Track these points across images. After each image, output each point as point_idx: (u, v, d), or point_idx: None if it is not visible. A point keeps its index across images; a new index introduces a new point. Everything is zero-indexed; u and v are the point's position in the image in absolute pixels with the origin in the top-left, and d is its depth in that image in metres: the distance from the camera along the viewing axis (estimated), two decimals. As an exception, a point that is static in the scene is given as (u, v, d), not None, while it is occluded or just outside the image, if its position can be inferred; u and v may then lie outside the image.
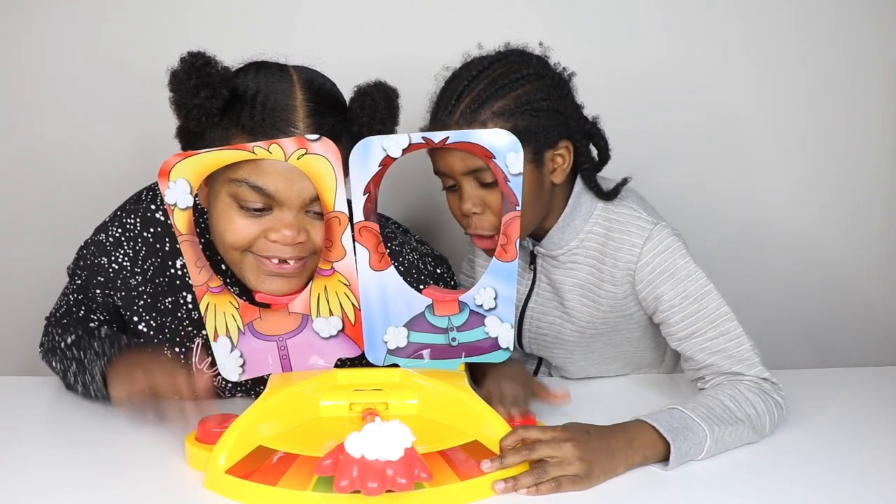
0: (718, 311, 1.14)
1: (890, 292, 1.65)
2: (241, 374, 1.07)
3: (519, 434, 0.96)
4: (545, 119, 1.12)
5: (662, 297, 1.15)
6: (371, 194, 1.03)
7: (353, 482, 0.83)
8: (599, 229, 1.18)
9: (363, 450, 0.84)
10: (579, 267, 1.20)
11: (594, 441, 0.98)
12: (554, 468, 0.94)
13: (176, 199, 1.00)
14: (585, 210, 1.19)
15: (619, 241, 1.17)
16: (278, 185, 1.02)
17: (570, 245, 1.20)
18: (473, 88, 1.11)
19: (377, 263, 1.06)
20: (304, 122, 1.03)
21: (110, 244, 1.17)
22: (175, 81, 1.02)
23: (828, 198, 1.62)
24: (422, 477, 0.85)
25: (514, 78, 1.11)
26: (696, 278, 1.15)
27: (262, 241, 1.05)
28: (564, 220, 1.19)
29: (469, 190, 1.12)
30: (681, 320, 1.15)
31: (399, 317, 1.08)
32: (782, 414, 1.10)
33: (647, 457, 1.00)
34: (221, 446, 0.94)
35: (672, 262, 1.15)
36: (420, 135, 1.01)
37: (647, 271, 1.15)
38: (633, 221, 1.17)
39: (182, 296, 1.17)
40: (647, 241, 1.15)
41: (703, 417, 1.03)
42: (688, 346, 1.15)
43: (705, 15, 1.54)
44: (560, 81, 1.16)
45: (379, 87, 1.09)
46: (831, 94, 1.58)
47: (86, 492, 0.93)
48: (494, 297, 1.07)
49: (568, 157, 1.15)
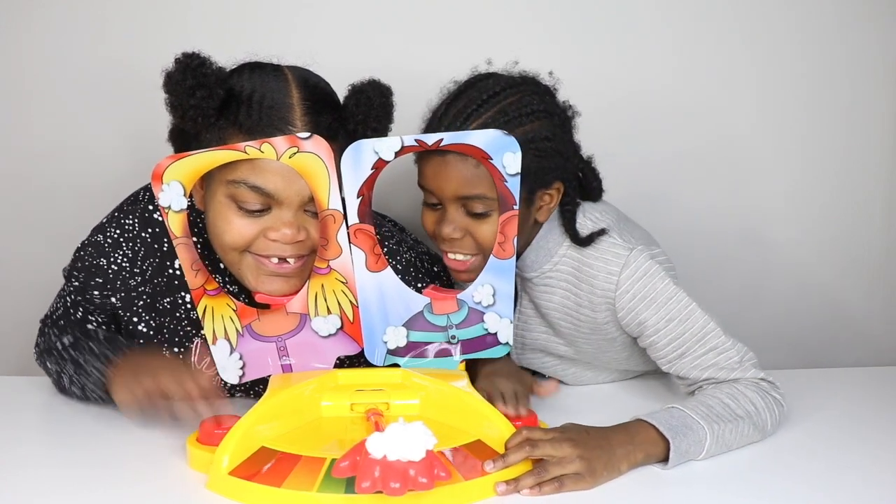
0: (705, 329, 1.12)
1: (890, 293, 1.65)
2: (242, 377, 1.07)
3: (523, 435, 0.96)
4: (547, 161, 1.09)
5: (646, 323, 1.14)
6: (365, 197, 1.03)
7: (375, 483, 0.83)
8: (574, 253, 1.16)
9: (385, 450, 0.84)
10: (554, 290, 1.19)
11: (594, 440, 0.98)
12: (554, 467, 0.94)
13: (170, 202, 1.00)
14: (559, 234, 1.17)
15: (595, 268, 1.14)
16: (277, 185, 1.02)
17: (543, 268, 1.18)
18: (482, 115, 1.08)
19: (374, 265, 1.06)
20: (302, 120, 1.03)
21: (109, 245, 1.17)
22: (170, 82, 1.02)
23: (828, 198, 1.61)
24: (441, 476, 0.85)
25: (524, 112, 1.08)
26: (677, 300, 1.13)
27: (262, 240, 1.05)
28: (538, 241, 1.17)
29: (454, 215, 1.09)
30: (668, 343, 1.13)
31: (398, 316, 1.08)
32: (783, 412, 1.10)
33: (649, 454, 1.00)
34: (224, 448, 0.94)
35: (652, 286, 1.13)
36: (413, 137, 1.01)
37: (626, 298, 1.13)
38: (609, 248, 1.14)
39: (181, 296, 1.17)
40: (623, 269, 1.13)
41: (702, 416, 1.03)
42: (679, 366, 1.14)
43: (706, 14, 1.54)
44: (565, 120, 1.14)
45: (373, 85, 1.09)
46: (831, 94, 1.58)
47: (85, 492, 0.93)
48: (493, 294, 1.07)
49: (556, 197, 1.14)
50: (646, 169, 1.56)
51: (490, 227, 1.08)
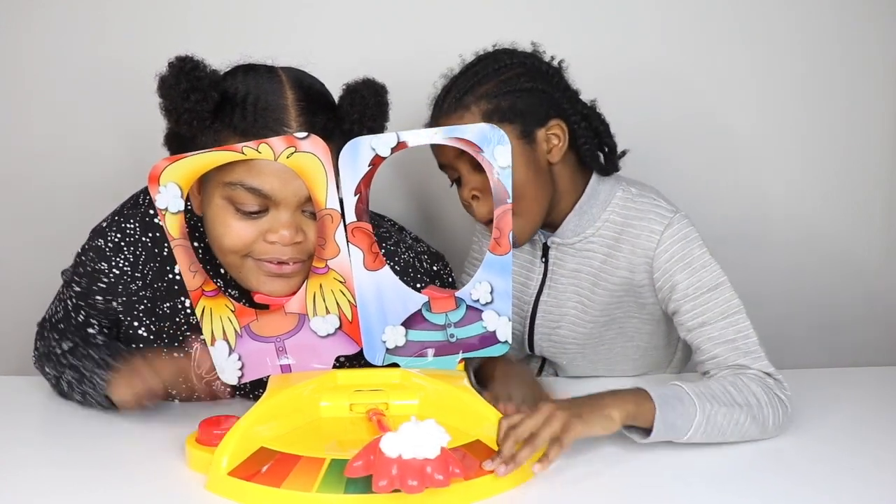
0: (730, 304, 1.14)
1: (890, 293, 1.65)
2: (240, 378, 1.07)
3: (504, 425, 0.97)
4: (529, 97, 1.14)
5: (677, 286, 1.16)
6: (362, 195, 1.04)
7: (393, 481, 0.83)
8: (617, 217, 1.19)
9: (400, 449, 0.84)
10: (593, 255, 1.21)
11: (575, 398, 1.00)
12: (544, 430, 0.95)
13: (167, 204, 1.00)
14: (604, 198, 1.20)
15: (639, 227, 1.18)
16: (274, 185, 1.02)
17: (586, 233, 1.21)
18: (458, 81, 1.15)
19: (371, 263, 1.06)
20: (297, 121, 1.03)
21: (110, 249, 1.16)
22: (164, 86, 1.02)
23: (827, 198, 1.62)
24: (455, 473, 0.85)
25: (496, 67, 1.15)
26: (710, 269, 1.15)
27: (261, 243, 1.05)
28: (581, 207, 1.20)
29: (466, 175, 1.14)
30: (692, 309, 1.15)
31: (396, 316, 1.08)
32: (787, 413, 1.09)
33: (639, 406, 1.00)
34: (224, 448, 0.94)
35: (689, 251, 1.16)
36: (409, 132, 1.02)
37: (664, 258, 1.16)
38: (653, 209, 1.18)
39: (180, 300, 1.17)
40: (666, 228, 1.16)
41: (697, 394, 1.04)
42: (697, 335, 1.15)
43: (707, 13, 1.54)
44: (549, 68, 1.18)
45: (368, 84, 1.09)
46: (831, 93, 1.58)
47: (85, 492, 0.93)
48: (490, 292, 1.07)
49: (563, 136, 1.16)
50: (646, 169, 1.55)
51: None
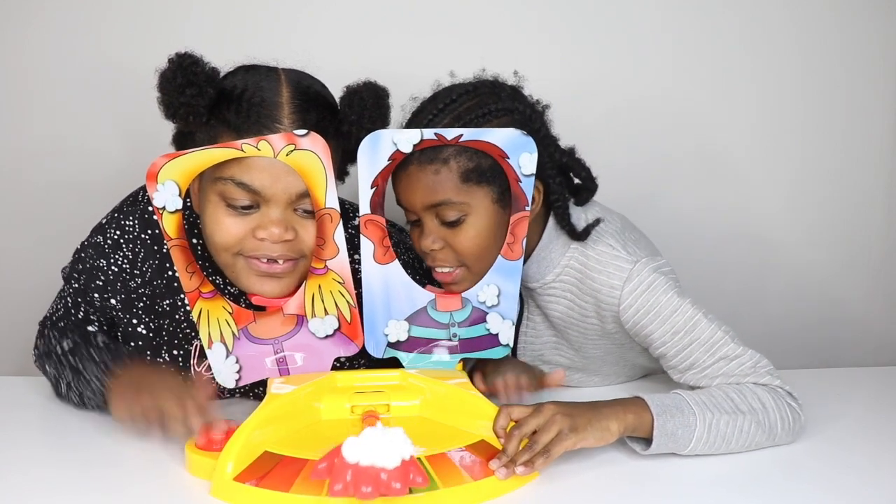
0: (713, 339, 1.09)
1: (890, 292, 1.65)
2: (238, 381, 1.06)
3: (505, 413, 0.97)
4: None
5: (652, 336, 1.12)
6: (379, 188, 1.03)
7: (347, 487, 0.82)
8: (576, 264, 1.14)
9: (358, 456, 0.82)
10: (558, 300, 1.17)
11: (578, 404, 0.99)
12: (542, 435, 0.94)
13: (164, 203, 0.99)
14: (561, 245, 1.15)
15: (598, 281, 1.12)
16: (263, 181, 1.01)
17: (545, 279, 1.17)
18: (437, 124, 1.07)
19: (382, 257, 1.06)
20: (290, 118, 1.03)
21: (109, 246, 1.16)
22: (162, 81, 1.03)
23: (827, 198, 1.62)
24: (417, 481, 0.83)
25: (480, 114, 1.07)
26: (682, 311, 1.10)
27: (251, 240, 1.04)
28: (539, 253, 1.15)
29: (430, 226, 1.08)
30: (676, 354, 1.11)
31: (401, 310, 1.08)
32: (800, 422, 1.06)
33: (639, 416, 0.99)
34: (228, 454, 0.92)
35: (655, 300, 1.10)
36: (432, 131, 1.01)
37: (631, 313, 1.11)
38: (612, 261, 1.12)
39: (180, 298, 1.16)
40: (626, 283, 1.10)
41: (697, 403, 1.02)
42: (690, 377, 1.11)
43: (705, 16, 1.54)
44: (532, 115, 1.10)
45: (368, 87, 1.09)
46: (830, 95, 1.58)
47: (85, 492, 0.93)
48: (497, 295, 1.07)
49: (539, 198, 1.11)
50: (646, 170, 1.56)
51: (465, 234, 1.06)
